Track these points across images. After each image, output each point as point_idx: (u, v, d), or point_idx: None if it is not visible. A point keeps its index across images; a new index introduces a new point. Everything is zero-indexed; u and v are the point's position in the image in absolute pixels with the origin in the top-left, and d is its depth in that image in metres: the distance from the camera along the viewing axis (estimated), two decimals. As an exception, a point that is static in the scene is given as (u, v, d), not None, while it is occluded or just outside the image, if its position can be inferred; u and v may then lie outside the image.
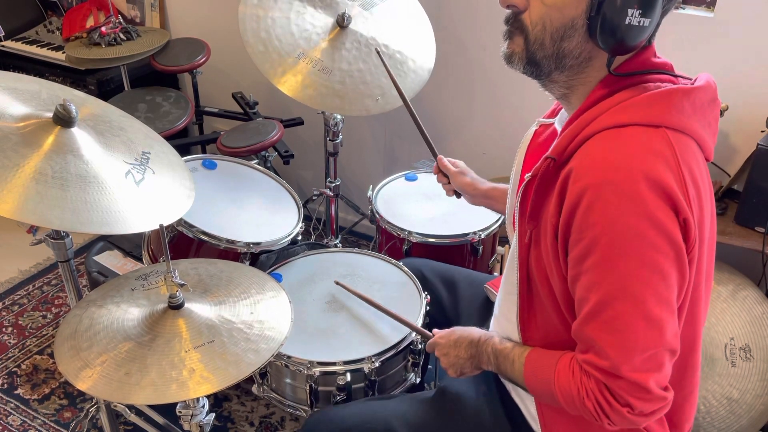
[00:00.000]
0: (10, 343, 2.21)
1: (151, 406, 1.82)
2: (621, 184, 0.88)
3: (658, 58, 1.00)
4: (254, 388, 1.46)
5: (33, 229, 1.42)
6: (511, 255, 1.17)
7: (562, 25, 0.95)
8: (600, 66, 0.98)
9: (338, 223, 2.30)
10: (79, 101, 1.32)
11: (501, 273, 1.95)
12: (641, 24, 0.92)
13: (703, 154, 0.98)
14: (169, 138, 1.68)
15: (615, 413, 0.94)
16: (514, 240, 1.11)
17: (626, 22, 0.91)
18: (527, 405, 1.17)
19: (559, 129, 1.11)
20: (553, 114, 1.20)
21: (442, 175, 1.54)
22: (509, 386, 1.21)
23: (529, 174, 1.01)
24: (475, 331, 1.20)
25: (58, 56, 2.64)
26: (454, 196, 1.55)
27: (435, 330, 1.28)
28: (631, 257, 0.89)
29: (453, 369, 1.21)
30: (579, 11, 0.93)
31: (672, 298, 0.92)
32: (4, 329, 2.27)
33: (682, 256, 0.91)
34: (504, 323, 1.19)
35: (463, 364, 1.19)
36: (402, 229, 1.74)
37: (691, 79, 1.00)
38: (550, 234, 0.97)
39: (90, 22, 2.60)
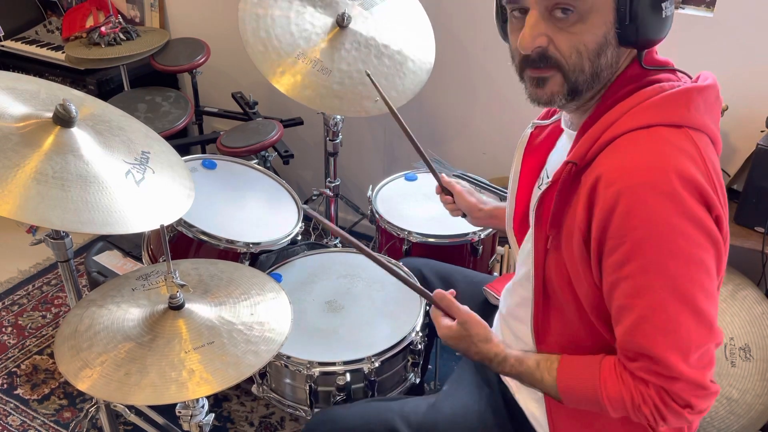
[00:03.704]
0: (9, 343, 2.21)
1: (151, 407, 1.82)
2: (658, 185, 0.88)
3: (659, 55, 1.00)
4: (254, 389, 1.46)
5: (33, 229, 1.42)
6: (521, 259, 1.16)
7: (597, 45, 0.93)
8: (623, 64, 0.98)
9: (338, 223, 2.30)
10: (78, 101, 1.32)
11: (501, 273, 1.95)
12: (672, 13, 0.93)
13: (715, 150, 0.98)
14: (168, 138, 1.68)
15: (674, 415, 0.94)
16: (528, 244, 1.09)
17: (663, 16, 0.91)
18: (530, 407, 1.16)
19: (566, 129, 1.10)
20: (548, 115, 1.19)
21: (445, 194, 1.50)
22: (513, 389, 1.21)
23: (549, 180, 1.00)
24: (483, 348, 1.12)
25: (58, 56, 2.64)
26: (461, 216, 1.50)
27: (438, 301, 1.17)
28: (679, 257, 0.89)
29: (457, 350, 1.16)
30: (609, 25, 0.92)
31: (715, 292, 0.93)
32: (3, 329, 2.27)
33: (720, 250, 0.92)
34: (515, 325, 1.18)
35: (468, 356, 1.15)
36: (402, 229, 1.74)
37: (690, 77, 1.00)
38: (577, 240, 0.96)
39: (90, 22, 2.60)
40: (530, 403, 1.16)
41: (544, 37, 0.93)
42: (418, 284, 1.25)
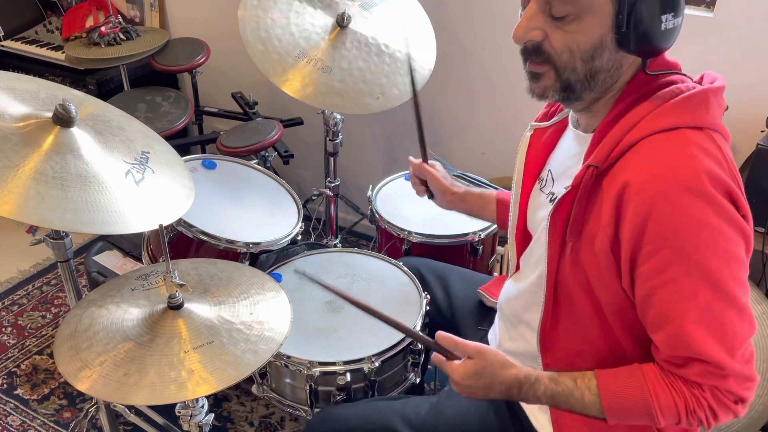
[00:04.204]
0: (9, 343, 2.21)
1: (151, 407, 1.82)
2: (692, 187, 0.88)
3: (676, 57, 1.00)
4: (254, 388, 1.45)
5: (32, 229, 1.42)
6: (528, 263, 1.15)
7: (590, 47, 0.93)
8: (629, 68, 0.97)
9: (338, 223, 2.30)
10: (78, 101, 1.32)
11: (501, 273, 1.95)
12: (675, 26, 0.92)
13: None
14: (168, 138, 1.68)
15: (726, 412, 0.95)
16: (539, 249, 1.08)
17: (662, 29, 0.91)
18: (532, 408, 1.16)
19: (572, 128, 1.10)
20: (547, 116, 1.19)
21: (418, 179, 1.50)
22: None
23: (567, 185, 0.99)
24: (508, 376, 1.04)
25: (58, 56, 2.64)
26: (426, 196, 1.51)
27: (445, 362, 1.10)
28: (720, 256, 0.90)
29: (477, 394, 1.08)
30: (605, 29, 0.91)
31: (748, 286, 0.95)
32: (3, 329, 2.27)
33: (750, 245, 0.94)
34: (521, 329, 1.18)
35: (492, 392, 1.07)
36: (402, 229, 1.74)
37: (691, 78, 1.00)
38: (601, 247, 0.95)
39: (89, 22, 2.60)
40: (533, 406, 1.16)
41: (539, 32, 0.94)
42: (418, 332, 1.20)
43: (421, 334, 1.18)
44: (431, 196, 1.50)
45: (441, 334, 1.10)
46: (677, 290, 0.91)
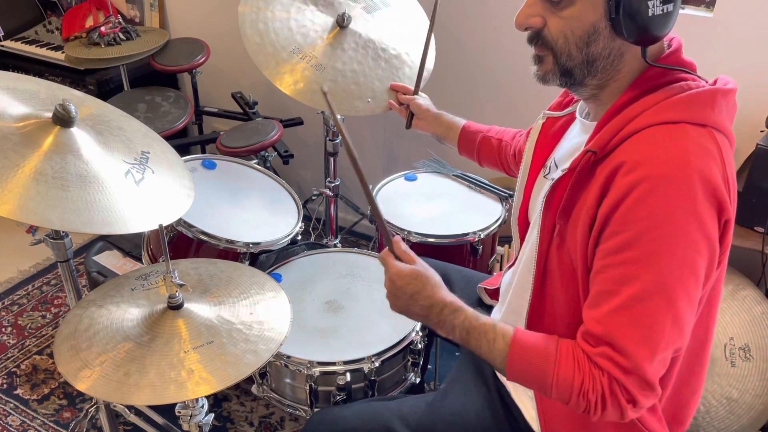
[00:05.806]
0: (9, 343, 2.21)
1: (151, 407, 1.82)
2: (677, 180, 0.88)
3: (685, 56, 1.01)
4: (254, 388, 1.46)
5: (32, 229, 1.42)
6: (524, 249, 1.16)
7: (584, 33, 0.95)
8: (632, 59, 0.98)
9: (338, 223, 2.30)
10: (78, 101, 1.32)
11: (501, 272, 1.95)
12: (665, 11, 0.92)
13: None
14: (168, 138, 1.68)
15: (616, 407, 0.93)
16: (533, 234, 1.09)
17: (650, 14, 0.91)
18: (527, 406, 1.16)
19: (579, 118, 1.11)
20: (560, 106, 1.20)
21: (402, 105, 1.73)
22: (510, 388, 1.21)
23: (565, 168, 1.00)
24: (437, 294, 1.05)
25: (58, 56, 2.64)
26: (405, 117, 1.72)
27: (394, 261, 1.10)
28: (675, 256, 0.89)
29: (395, 308, 1.10)
30: (598, 15, 0.93)
31: (698, 298, 0.93)
32: (3, 329, 2.27)
33: (714, 259, 0.92)
34: (511, 317, 1.18)
35: (408, 313, 1.09)
36: (402, 229, 1.74)
37: (706, 80, 1.00)
38: (583, 226, 0.96)
39: (89, 22, 2.60)
40: (527, 402, 1.17)
41: (539, 18, 0.98)
42: (384, 221, 1.16)
43: (387, 229, 1.15)
44: (409, 126, 1.70)
45: (398, 239, 1.13)
46: (623, 274, 0.91)
